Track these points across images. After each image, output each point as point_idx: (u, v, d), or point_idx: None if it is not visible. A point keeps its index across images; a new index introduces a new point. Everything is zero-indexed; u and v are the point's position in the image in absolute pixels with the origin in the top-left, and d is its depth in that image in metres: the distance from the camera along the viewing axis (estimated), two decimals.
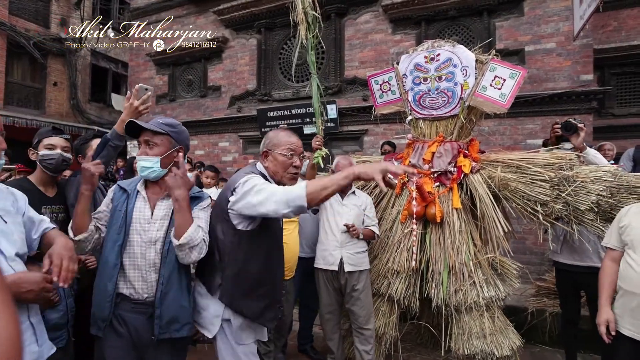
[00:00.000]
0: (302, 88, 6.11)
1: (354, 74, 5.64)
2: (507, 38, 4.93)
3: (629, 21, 5.85)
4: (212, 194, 3.71)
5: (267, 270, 1.64)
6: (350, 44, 5.79)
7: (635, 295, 1.75)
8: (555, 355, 3.17)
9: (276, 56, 6.45)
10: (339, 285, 2.67)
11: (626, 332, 1.78)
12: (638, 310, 1.73)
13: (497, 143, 4.62)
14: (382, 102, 2.99)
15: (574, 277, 2.69)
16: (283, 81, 6.40)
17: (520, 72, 2.58)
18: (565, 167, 2.42)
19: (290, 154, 1.64)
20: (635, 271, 1.77)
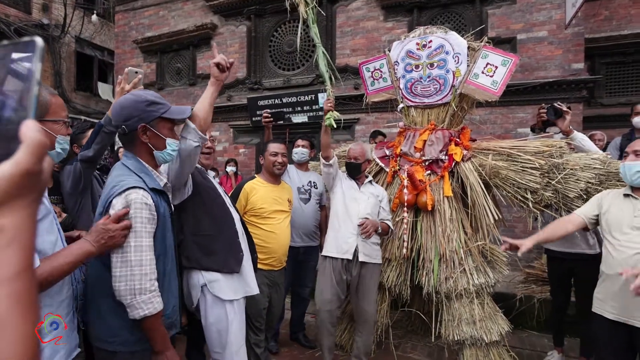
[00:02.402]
0: (292, 76, 6.03)
1: (345, 62, 5.58)
2: (499, 26, 4.91)
3: (620, 10, 5.87)
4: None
5: (215, 224, 1.80)
6: (341, 32, 5.71)
7: (617, 279, 1.78)
8: (542, 340, 3.23)
9: (266, 44, 6.34)
10: (348, 276, 2.51)
11: (609, 315, 1.82)
12: (620, 293, 1.77)
13: (489, 132, 4.63)
14: (374, 90, 2.95)
15: (565, 264, 2.73)
16: (273, 69, 6.31)
17: (512, 59, 2.57)
18: (556, 155, 2.44)
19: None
20: (612, 256, 1.82)
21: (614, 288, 1.81)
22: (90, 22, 10.09)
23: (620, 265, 1.77)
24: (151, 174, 1.39)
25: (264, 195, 2.45)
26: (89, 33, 10.54)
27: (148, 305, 1.24)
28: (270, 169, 2.55)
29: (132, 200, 1.24)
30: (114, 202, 1.24)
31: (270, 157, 2.54)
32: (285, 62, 6.22)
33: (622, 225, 1.83)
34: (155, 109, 1.37)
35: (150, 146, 1.38)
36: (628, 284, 1.72)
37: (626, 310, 1.77)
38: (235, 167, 5.43)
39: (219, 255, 1.76)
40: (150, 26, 7.25)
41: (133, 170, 1.34)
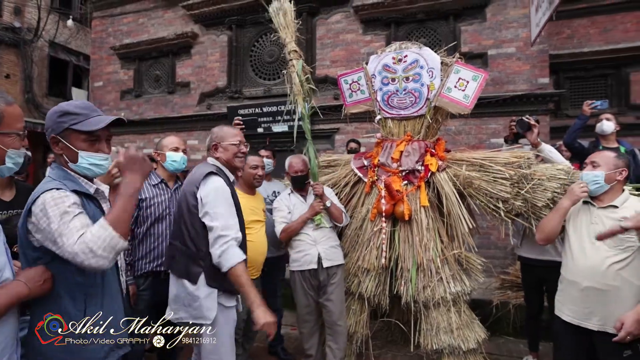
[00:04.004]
0: (273, 86, 6.03)
1: (325, 73, 5.63)
2: (472, 42, 5.08)
3: (580, 30, 6.20)
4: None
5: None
6: (321, 43, 5.76)
7: (575, 284, 1.87)
8: (518, 345, 3.29)
9: (247, 53, 6.32)
10: (317, 282, 2.63)
11: (565, 317, 1.91)
12: (577, 298, 1.86)
13: (463, 142, 4.75)
14: (352, 102, 2.98)
15: (536, 271, 2.81)
16: (254, 79, 6.28)
17: (482, 74, 2.64)
18: (524, 166, 2.51)
19: (238, 142, 1.94)
20: (572, 261, 1.91)
21: (572, 292, 1.90)
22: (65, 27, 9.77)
23: (579, 271, 1.86)
24: (77, 181, 1.32)
25: (242, 206, 2.42)
26: (64, 37, 10.21)
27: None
28: (249, 181, 2.57)
29: (48, 198, 1.17)
30: (33, 208, 1.18)
31: (250, 170, 2.54)
32: (266, 72, 6.21)
33: (581, 231, 1.92)
34: (65, 120, 1.28)
35: (66, 158, 1.31)
36: (586, 290, 1.82)
37: (581, 313, 1.85)
38: None
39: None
40: (129, 33, 7.10)
41: (54, 178, 1.29)
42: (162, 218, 2.35)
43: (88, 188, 1.35)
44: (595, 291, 1.80)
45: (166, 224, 2.34)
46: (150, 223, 2.32)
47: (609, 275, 1.78)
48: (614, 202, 1.88)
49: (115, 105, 7.17)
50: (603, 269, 1.79)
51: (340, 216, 2.68)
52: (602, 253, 1.81)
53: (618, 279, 1.77)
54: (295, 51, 2.84)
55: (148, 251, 2.32)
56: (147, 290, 2.33)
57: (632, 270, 1.78)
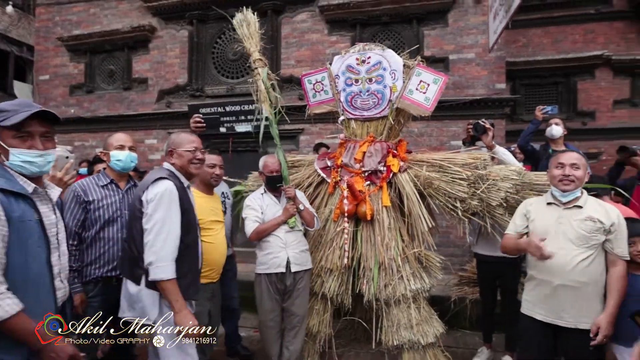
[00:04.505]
0: (237, 85, 5.97)
1: (290, 73, 5.66)
2: (434, 46, 5.33)
3: (535, 39, 6.68)
4: None
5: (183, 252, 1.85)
6: (286, 42, 5.79)
7: (546, 283, 1.98)
8: (474, 338, 3.51)
9: (209, 50, 6.22)
10: (283, 287, 2.62)
11: (538, 316, 2.02)
12: (551, 297, 1.96)
13: (425, 144, 4.96)
14: (315, 102, 3.04)
15: (491, 267, 3.01)
16: (217, 77, 6.19)
17: (442, 78, 2.79)
18: (480, 167, 2.68)
19: (193, 149, 1.99)
20: (542, 261, 1.97)
21: (544, 291, 1.99)
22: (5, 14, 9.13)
23: (550, 271, 1.95)
24: (12, 178, 1.35)
25: (201, 206, 2.40)
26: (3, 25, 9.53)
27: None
28: (206, 180, 2.55)
29: None
30: None
31: (207, 168, 2.51)
32: (230, 70, 6.15)
33: (548, 231, 2.00)
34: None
35: (3, 156, 1.35)
36: (558, 288, 1.93)
37: (554, 312, 1.96)
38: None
39: (183, 280, 1.82)
40: (79, 23, 6.75)
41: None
42: (113, 220, 2.26)
43: (25, 187, 1.36)
44: (566, 289, 1.93)
45: (118, 227, 2.26)
46: (99, 226, 2.23)
47: (577, 273, 1.91)
48: (578, 202, 2.01)
49: (63, 100, 6.79)
50: (572, 266, 1.91)
51: (312, 220, 2.72)
52: (570, 252, 1.93)
53: (586, 275, 1.91)
54: (260, 59, 2.88)
55: (98, 256, 2.23)
56: (97, 297, 2.23)
57: (597, 265, 1.94)
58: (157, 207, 1.78)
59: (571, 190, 2.00)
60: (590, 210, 1.97)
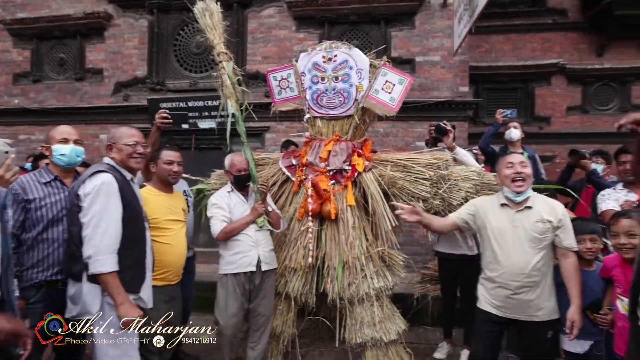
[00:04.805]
0: (200, 79, 5.85)
1: (256, 69, 5.62)
2: (401, 47, 5.49)
3: (497, 45, 7.03)
4: None
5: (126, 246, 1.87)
6: (253, 37, 5.75)
7: (506, 285, 2.11)
8: (435, 333, 3.67)
9: (171, 42, 6.04)
10: (251, 287, 2.61)
11: (498, 312, 2.15)
12: (509, 297, 2.10)
13: (391, 144, 5.11)
14: (281, 99, 3.05)
15: (451, 264, 3.16)
16: (179, 70, 6.03)
17: (407, 78, 2.88)
18: (442, 167, 2.81)
19: (133, 143, 2.02)
20: (499, 263, 2.12)
21: (503, 293, 2.11)
22: None
23: (509, 274, 2.07)
24: None
25: (157, 205, 2.37)
26: None
27: None
28: (164, 177, 2.49)
29: None
30: None
31: (164, 165, 2.47)
32: (193, 64, 6.01)
33: (504, 234, 2.12)
34: None
35: None
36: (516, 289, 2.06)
37: (513, 310, 2.10)
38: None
39: (125, 273, 1.84)
40: (24, 6, 6.32)
41: None
42: (58, 220, 2.11)
43: None
44: (524, 288, 2.06)
45: (63, 227, 2.10)
46: (42, 227, 2.08)
47: (534, 273, 2.05)
48: (528, 202, 2.13)
49: (6, 90, 6.34)
50: (530, 268, 2.05)
51: (278, 222, 2.75)
52: (527, 256, 2.05)
53: (539, 274, 2.06)
54: (225, 53, 2.83)
55: (41, 258, 2.08)
56: (40, 303, 2.06)
57: (548, 261, 2.10)
58: (94, 200, 1.80)
59: (524, 190, 2.12)
60: (540, 210, 2.11)
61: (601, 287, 2.19)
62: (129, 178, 2.01)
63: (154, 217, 2.30)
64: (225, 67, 2.77)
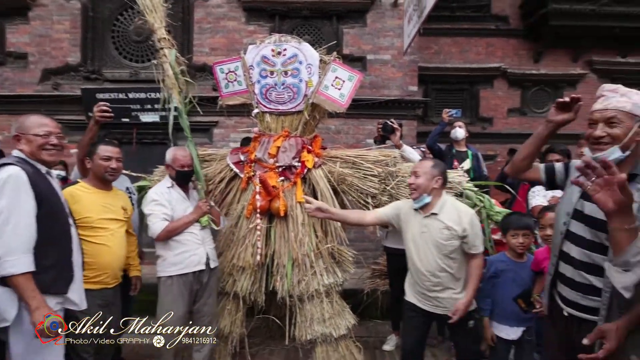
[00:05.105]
0: (142, 69, 5.58)
1: (203, 61, 5.46)
2: (353, 45, 5.62)
3: (445, 47, 7.43)
4: None
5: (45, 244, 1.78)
6: (200, 27, 5.58)
7: (421, 283, 2.27)
8: (384, 327, 3.84)
9: (109, 27, 5.69)
10: (198, 286, 2.58)
11: (421, 305, 2.31)
12: (426, 293, 2.26)
13: (342, 141, 5.22)
14: (228, 93, 3.01)
15: (398, 259, 3.27)
16: (118, 59, 5.70)
17: (357, 75, 2.95)
18: (391, 164, 2.93)
19: (45, 133, 1.88)
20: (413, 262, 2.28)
21: (420, 290, 2.29)
22: None
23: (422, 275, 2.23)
24: None
25: (90, 202, 2.25)
26: None
27: None
28: (100, 174, 2.36)
29: None
30: None
31: (101, 161, 2.34)
32: (133, 52, 5.71)
33: (416, 238, 2.28)
34: None
35: None
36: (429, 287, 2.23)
37: (430, 304, 2.26)
38: (65, 171, 4.66)
39: (46, 274, 1.75)
40: None
41: None
42: None
43: None
44: (437, 287, 2.22)
45: None
46: None
47: (442, 275, 2.21)
48: (434, 209, 2.23)
49: None
50: (439, 271, 2.20)
51: (219, 219, 2.73)
52: (435, 259, 2.19)
53: (449, 276, 2.22)
54: (167, 39, 2.73)
55: None
56: None
57: (460, 263, 2.25)
58: (0, 195, 1.67)
59: (415, 198, 2.25)
60: (446, 218, 2.20)
61: (531, 278, 2.43)
62: (44, 171, 1.89)
63: (86, 216, 2.19)
64: (167, 55, 2.67)
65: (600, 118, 1.50)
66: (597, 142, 1.50)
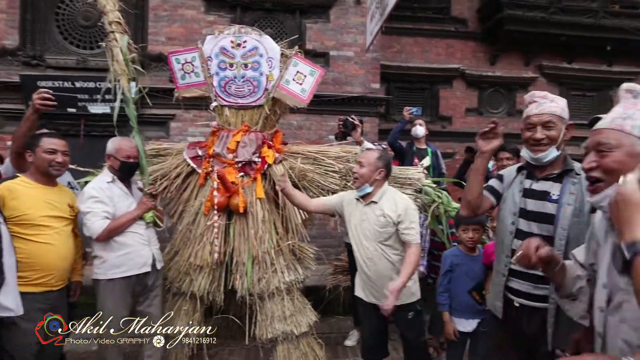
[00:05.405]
0: (90, 56, 5.27)
1: (159, 50, 5.25)
2: (316, 40, 5.64)
3: (407, 47, 7.63)
4: None
5: None
6: (155, 15, 5.36)
7: (364, 273, 2.33)
8: (347, 322, 3.91)
9: (52, 9, 5.31)
10: (141, 288, 2.47)
11: (366, 299, 2.38)
12: (368, 283, 2.32)
13: (304, 137, 5.24)
14: (185, 84, 2.92)
15: None
16: (63, 44, 5.35)
17: (318, 70, 2.98)
18: (352, 160, 2.97)
19: None
20: (357, 254, 2.34)
21: (364, 280, 2.35)
22: None
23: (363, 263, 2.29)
24: None
25: (31, 198, 2.10)
26: None
27: None
28: (44, 168, 2.20)
29: None
30: None
31: (45, 154, 2.18)
32: (81, 38, 5.38)
33: (357, 226, 2.32)
34: None
35: None
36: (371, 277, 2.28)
37: (374, 295, 2.32)
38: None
39: None
40: None
41: None
42: None
43: None
44: (376, 276, 2.28)
45: None
46: None
47: (381, 263, 2.26)
48: (374, 198, 2.28)
49: None
50: (377, 259, 2.26)
51: (162, 217, 2.65)
52: (373, 246, 2.25)
53: (390, 264, 2.27)
54: (119, 23, 2.59)
55: None
56: None
57: (390, 249, 2.30)
58: None
59: (358, 186, 2.31)
60: (383, 205, 2.26)
61: (483, 271, 2.56)
62: None
63: (25, 213, 2.05)
64: (118, 39, 2.53)
65: (537, 122, 1.67)
66: (538, 144, 1.66)
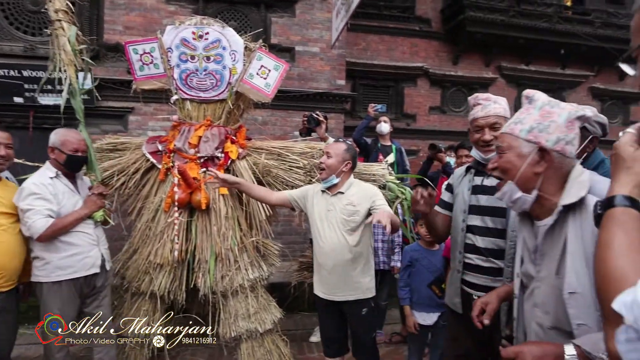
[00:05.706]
0: (40, 44, 4.97)
1: (116, 40, 5.04)
2: (281, 35, 5.62)
3: (373, 44, 7.77)
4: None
5: None
6: (112, 3, 5.13)
7: (323, 265, 2.34)
8: (312, 318, 3.95)
9: None
10: (89, 290, 2.40)
11: (321, 295, 2.40)
12: (326, 277, 2.33)
13: (269, 132, 5.21)
14: (143, 76, 2.84)
15: None
16: (8, 29, 5.01)
17: (283, 65, 2.97)
18: (316, 156, 3.01)
19: None
20: (318, 245, 2.35)
21: (322, 273, 2.36)
22: None
23: (325, 254, 2.29)
24: None
25: None
26: None
27: None
28: None
29: None
30: None
31: None
32: (29, 24, 5.06)
33: (322, 218, 2.34)
34: None
35: None
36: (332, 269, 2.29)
37: (330, 290, 2.34)
38: None
39: None
40: None
41: None
42: None
43: None
44: (338, 268, 2.29)
45: None
46: None
47: (345, 253, 2.25)
48: (341, 189, 2.32)
49: None
50: (341, 248, 2.25)
51: (110, 214, 2.58)
52: (338, 236, 2.25)
53: (354, 254, 2.29)
54: (66, 12, 2.47)
55: None
56: None
57: (364, 243, 2.33)
58: None
59: (323, 178, 2.33)
60: (351, 195, 2.30)
61: (442, 264, 2.68)
62: None
63: None
64: (66, 29, 2.41)
65: (485, 124, 1.78)
66: (487, 145, 1.76)
